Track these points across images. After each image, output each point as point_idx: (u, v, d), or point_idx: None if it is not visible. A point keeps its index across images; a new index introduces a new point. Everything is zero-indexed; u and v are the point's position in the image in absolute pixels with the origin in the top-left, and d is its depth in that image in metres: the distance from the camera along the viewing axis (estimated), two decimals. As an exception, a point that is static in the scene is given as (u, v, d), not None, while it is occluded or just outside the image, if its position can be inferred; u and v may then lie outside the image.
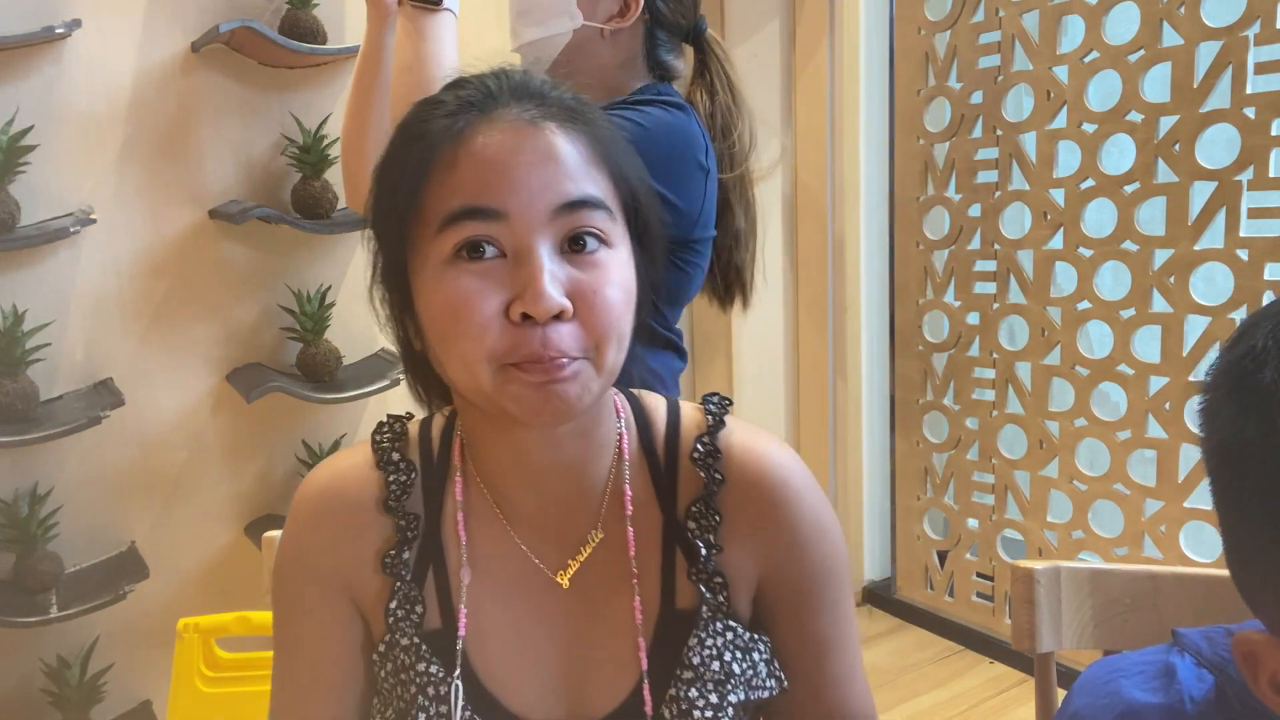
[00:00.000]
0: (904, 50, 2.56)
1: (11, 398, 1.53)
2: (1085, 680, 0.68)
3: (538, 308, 0.57)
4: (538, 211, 0.59)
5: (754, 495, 0.70)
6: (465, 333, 0.59)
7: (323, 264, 1.91)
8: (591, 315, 0.60)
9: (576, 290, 0.59)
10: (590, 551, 0.71)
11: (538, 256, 0.59)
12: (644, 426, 0.74)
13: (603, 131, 0.64)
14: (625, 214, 0.64)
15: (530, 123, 0.61)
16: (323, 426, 1.93)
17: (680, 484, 0.72)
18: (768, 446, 0.73)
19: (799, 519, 0.71)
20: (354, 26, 1.89)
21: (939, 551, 2.68)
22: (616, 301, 0.60)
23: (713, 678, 0.68)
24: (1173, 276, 2.04)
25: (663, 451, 0.73)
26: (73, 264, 1.68)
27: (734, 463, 0.71)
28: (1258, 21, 1.85)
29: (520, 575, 0.70)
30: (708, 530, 0.70)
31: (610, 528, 0.71)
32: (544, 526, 0.71)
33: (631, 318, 0.63)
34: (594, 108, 0.66)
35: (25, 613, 1.54)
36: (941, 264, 2.55)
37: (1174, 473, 2.09)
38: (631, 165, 0.66)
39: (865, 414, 2.76)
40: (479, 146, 0.60)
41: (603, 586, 0.70)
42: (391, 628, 0.70)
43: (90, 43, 1.65)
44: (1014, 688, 2.37)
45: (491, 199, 0.59)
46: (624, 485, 0.71)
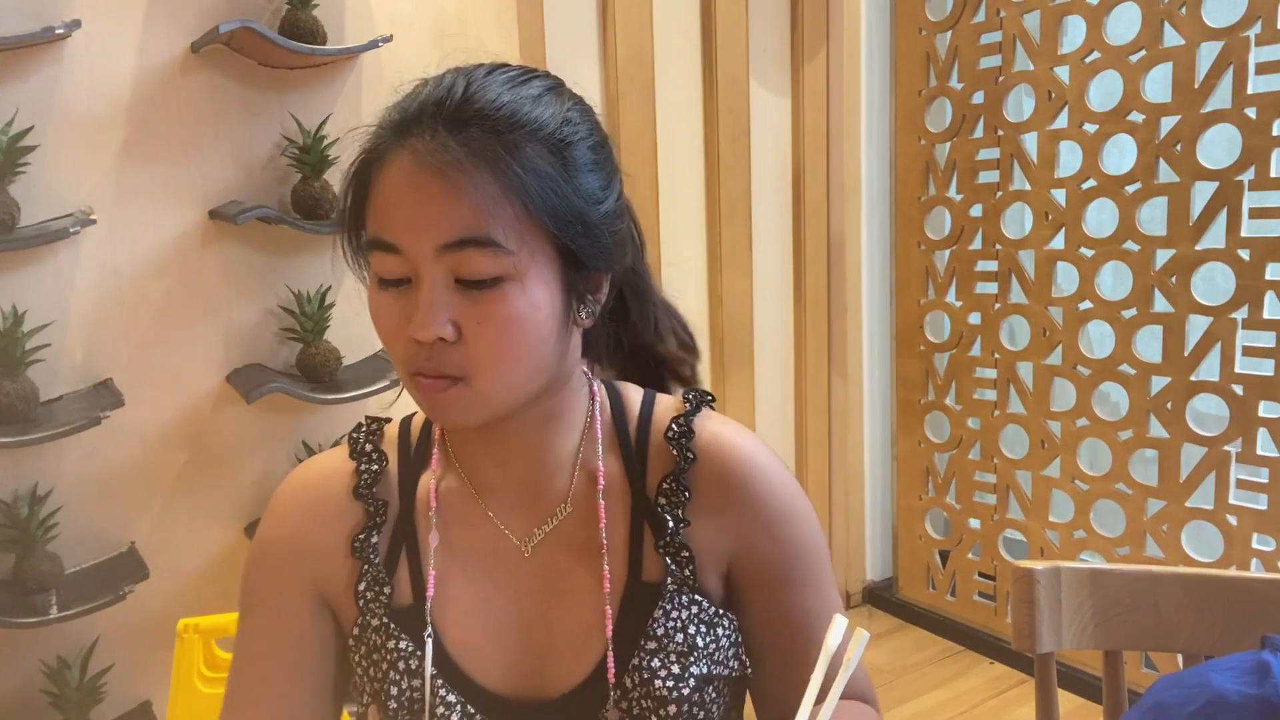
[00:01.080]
0: (905, 50, 2.56)
1: (11, 398, 1.53)
2: (1168, 678, 0.69)
3: (418, 332, 0.63)
4: (424, 248, 0.62)
5: (721, 473, 0.73)
6: (384, 342, 0.67)
7: (323, 264, 1.91)
8: (474, 342, 0.63)
9: (463, 319, 0.63)
10: (557, 524, 0.73)
11: (424, 286, 0.63)
12: (618, 410, 0.77)
13: (526, 160, 0.63)
14: (550, 240, 0.64)
15: (435, 155, 0.62)
16: (323, 427, 1.92)
17: (650, 463, 0.75)
18: (738, 433, 0.76)
19: (767, 498, 0.73)
20: (354, 27, 1.89)
21: (940, 551, 2.68)
22: (500, 333, 0.63)
23: (676, 649, 0.70)
24: (1174, 276, 2.03)
25: (634, 433, 0.76)
26: (73, 264, 1.68)
27: (705, 443, 0.74)
28: (1259, 22, 1.85)
29: (488, 546, 0.73)
30: (676, 505, 0.73)
31: (579, 503, 0.74)
32: (513, 501, 0.74)
33: (533, 341, 0.65)
34: (527, 131, 0.64)
35: (25, 613, 1.54)
36: (943, 264, 2.55)
37: (1175, 472, 2.08)
38: (563, 191, 0.64)
39: (866, 414, 2.76)
40: (387, 177, 0.64)
41: (570, 558, 0.73)
42: (362, 610, 0.73)
43: (90, 43, 1.65)
44: (1014, 688, 2.37)
45: (389, 233, 0.63)
46: (596, 461, 0.74)
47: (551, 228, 0.63)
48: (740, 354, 2.55)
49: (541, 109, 0.65)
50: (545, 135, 0.64)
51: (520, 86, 0.66)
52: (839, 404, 2.73)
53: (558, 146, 0.64)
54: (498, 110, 0.63)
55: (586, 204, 0.66)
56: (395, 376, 1.79)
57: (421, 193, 0.62)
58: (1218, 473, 2.01)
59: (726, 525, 0.73)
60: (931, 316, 2.60)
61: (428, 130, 0.63)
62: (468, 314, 0.63)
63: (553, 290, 0.65)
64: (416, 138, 0.63)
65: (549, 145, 0.64)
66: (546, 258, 0.64)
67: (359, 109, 1.91)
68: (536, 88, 0.67)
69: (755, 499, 0.73)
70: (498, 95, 0.64)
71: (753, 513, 0.73)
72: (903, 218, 2.64)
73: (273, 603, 0.74)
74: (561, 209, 0.64)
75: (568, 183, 0.64)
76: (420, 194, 0.62)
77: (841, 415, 2.74)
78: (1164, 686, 0.69)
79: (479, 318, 0.63)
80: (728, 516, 0.73)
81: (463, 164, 0.61)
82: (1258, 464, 1.95)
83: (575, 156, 0.65)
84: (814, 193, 2.61)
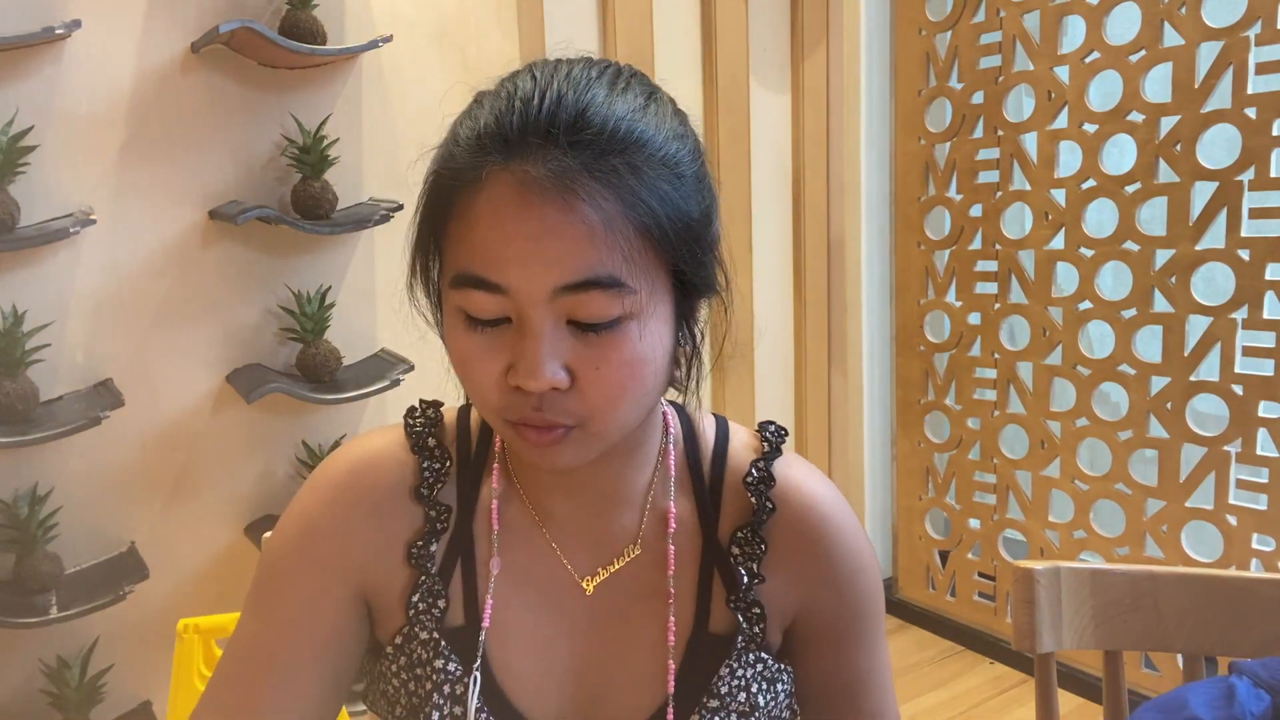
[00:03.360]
0: (905, 51, 2.56)
1: (11, 398, 1.53)
2: (1153, 701, 0.74)
3: (528, 383, 0.56)
4: (537, 290, 0.55)
5: (800, 527, 0.70)
6: (471, 388, 0.60)
7: (323, 264, 1.91)
8: (591, 388, 0.57)
9: (577, 364, 0.57)
10: (623, 564, 0.70)
11: (535, 331, 0.56)
12: (691, 444, 0.73)
13: (648, 183, 0.56)
14: (666, 269, 0.59)
15: (554, 179, 0.54)
16: (323, 427, 1.92)
17: (724, 506, 0.71)
18: (818, 482, 0.72)
19: (842, 556, 0.70)
20: (354, 27, 1.89)
21: (940, 551, 2.68)
22: (620, 377, 0.58)
23: (738, 709, 0.67)
24: (1174, 276, 2.03)
25: (708, 471, 0.72)
26: (73, 264, 1.68)
27: (784, 493, 0.70)
28: (1258, 22, 1.85)
29: (548, 578, 0.69)
30: (752, 558, 0.69)
31: (648, 543, 0.70)
32: (578, 532, 0.70)
33: (651, 382, 0.60)
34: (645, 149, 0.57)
35: (25, 613, 1.54)
36: (942, 264, 2.55)
37: (1175, 472, 2.08)
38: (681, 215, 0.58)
39: (866, 414, 2.76)
40: (488, 204, 0.55)
41: (634, 601, 0.69)
42: (411, 620, 0.68)
43: (90, 43, 1.65)
44: (1014, 688, 2.37)
45: (491, 271, 0.55)
46: (668, 502, 0.70)
47: (670, 257, 0.58)
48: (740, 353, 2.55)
49: (652, 121, 0.58)
50: (660, 152, 0.58)
51: (625, 95, 0.59)
52: (839, 404, 2.73)
53: (671, 163, 0.58)
54: (617, 127, 0.56)
55: (700, 225, 0.60)
56: (396, 376, 1.79)
57: (538, 224, 0.54)
58: (1217, 473, 2.01)
59: (799, 580, 0.70)
60: (931, 316, 2.61)
61: (538, 148, 0.55)
62: (583, 358, 0.57)
63: (668, 324, 0.60)
64: (524, 157, 0.55)
65: (665, 163, 0.58)
66: (664, 289, 0.59)
67: (359, 109, 1.91)
68: (639, 94, 0.60)
69: (831, 556, 0.70)
70: (612, 108, 0.57)
71: (827, 570, 0.70)
72: (902, 218, 2.64)
73: (304, 589, 0.67)
74: (681, 235, 0.58)
75: (684, 203, 0.58)
76: (536, 225, 0.54)
77: (841, 415, 2.74)
78: (1145, 710, 0.73)
79: (596, 362, 0.57)
80: (801, 571, 0.70)
81: (588, 190, 0.54)
82: (1257, 464, 1.95)
83: (686, 173, 0.59)
84: (814, 193, 2.61)
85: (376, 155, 1.95)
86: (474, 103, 0.61)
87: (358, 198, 1.93)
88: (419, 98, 1.96)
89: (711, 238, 0.62)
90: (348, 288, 1.94)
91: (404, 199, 1.90)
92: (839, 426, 2.74)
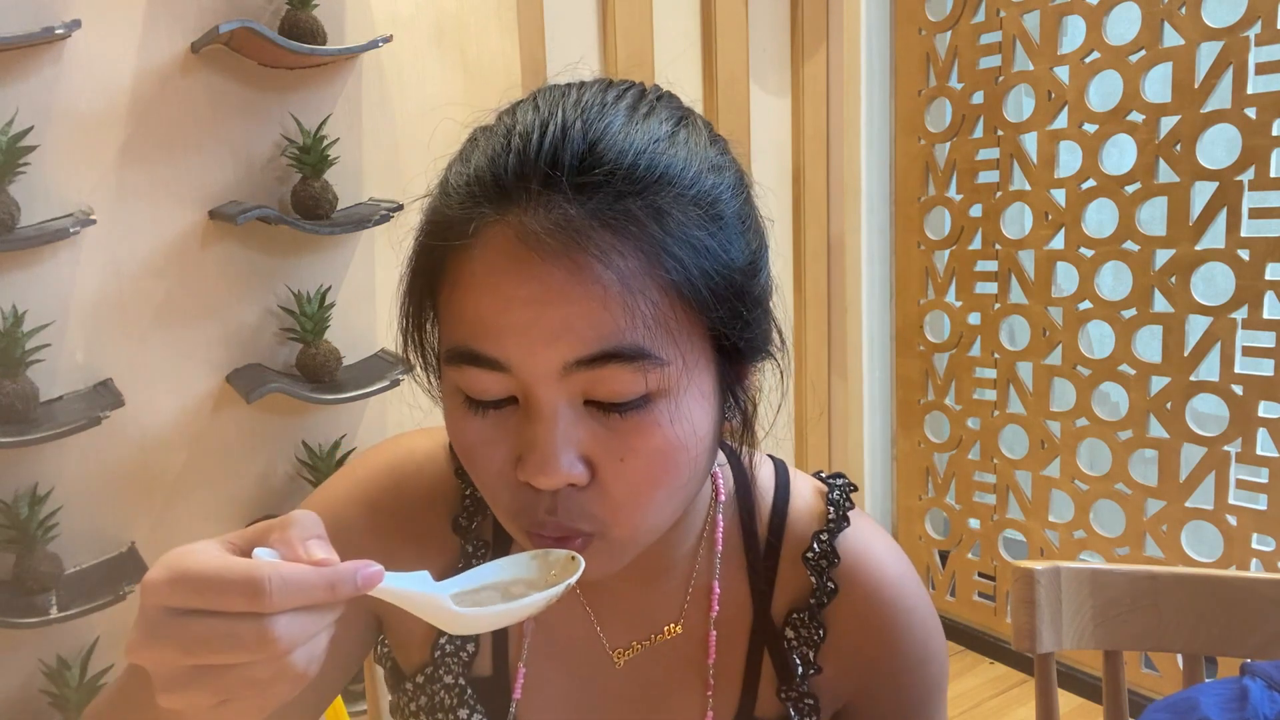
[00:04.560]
0: (905, 51, 2.56)
1: (11, 398, 1.53)
2: (1163, 701, 0.72)
3: (538, 479, 0.47)
4: (542, 366, 0.46)
5: (864, 613, 0.62)
6: (476, 479, 0.52)
7: (323, 264, 1.91)
8: (614, 484, 0.48)
9: (598, 454, 0.48)
10: (662, 641, 0.62)
11: (544, 415, 0.47)
12: (746, 504, 0.64)
13: (676, 229, 0.46)
14: (705, 334, 0.49)
15: (549, 234, 0.45)
16: (323, 427, 1.92)
17: (780, 579, 0.63)
18: (886, 557, 0.63)
19: (908, 646, 0.63)
20: (354, 27, 1.89)
21: (940, 551, 2.68)
22: (650, 470, 0.48)
23: None
24: (1174, 276, 2.03)
25: (765, 538, 0.63)
26: (73, 264, 1.68)
27: (848, 572, 0.62)
28: (1258, 22, 1.85)
29: (580, 644, 0.63)
30: (808, 645, 0.62)
31: (691, 622, 0.62)
32: (616, 604, 0.63)
33: (688, 472, 0.50)
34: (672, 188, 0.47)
35: (25, 613, 1.54)
36: (942, 264, 2.55)
37: (1175, 473, 2.08)
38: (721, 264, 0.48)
39: (866, 414, 2.76)
40: (482, 264, 0.46)
41: (672, 679, 0.63)
42: (436, 662, 0.63)
43: (90, 43, 1.65)
44: (1014, 688, 2.37)
45: (487, 344, 0.46)
46: (713, 581, 0.62)
47: (709, 317, 0.48)
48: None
49: (681, 152, 0.48)
50: (692, 190, 0.48)
51: (648, 120, 0.49)
52: (839, 404, 2.73)
53: (707, 203, 0.48)
54: (635, 162, 0.46)
55: (746, 277, 0.50)
56: (396, 376, 1.79)
57: (539, 287, 0.45)
58: (1217, 473, 2.01)
59: (858, 670, 0.63)
60: (931, 316, 2.60)
61: (539, 195, 0.46)
62: (605, 447, 0.47)
63: (710, 398, 0.50)
64: (522, 206, 0.46)
65: (698, 203, 0.48)
66: (704, 358, 0.49)
67: (359, 109, 1.91)
68: (666, 120, 0.50)
69: (897, 648, 0.62)
70: (629, 140, 0.47)
71: (891, 662, 0.62)
72: (902, 218, 2.64)
73: None
74: (721, 290, 0.48)
75: (725, 251, 0.49)
76: (538, 289, 0.45)
77: (841, 415, 2.74)
78: (1156, 710, 0.71)
79: (621, 452, 0.47)
80: (862, 661, 0.62)
81: (600, 244, 0.45)
82: (1257, 464, 1.95)
83: (726, 213, 0.50)
84: (814, 193, 2.61)
85: (376, 155, 1.95)
86: (468, 142, 0.52)
87: (358, 198, 1.93)
88: (419, 98, 1.96)
89: (760, 290, 0.52)
90: (348, 288, 1.94)
91: (404, 199, 1.90)
92: (839, 426, 2.74)
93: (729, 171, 0.52)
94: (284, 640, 0.39)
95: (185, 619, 0.39)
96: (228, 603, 0.39)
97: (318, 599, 0.40)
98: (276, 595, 0.39)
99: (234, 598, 0.39)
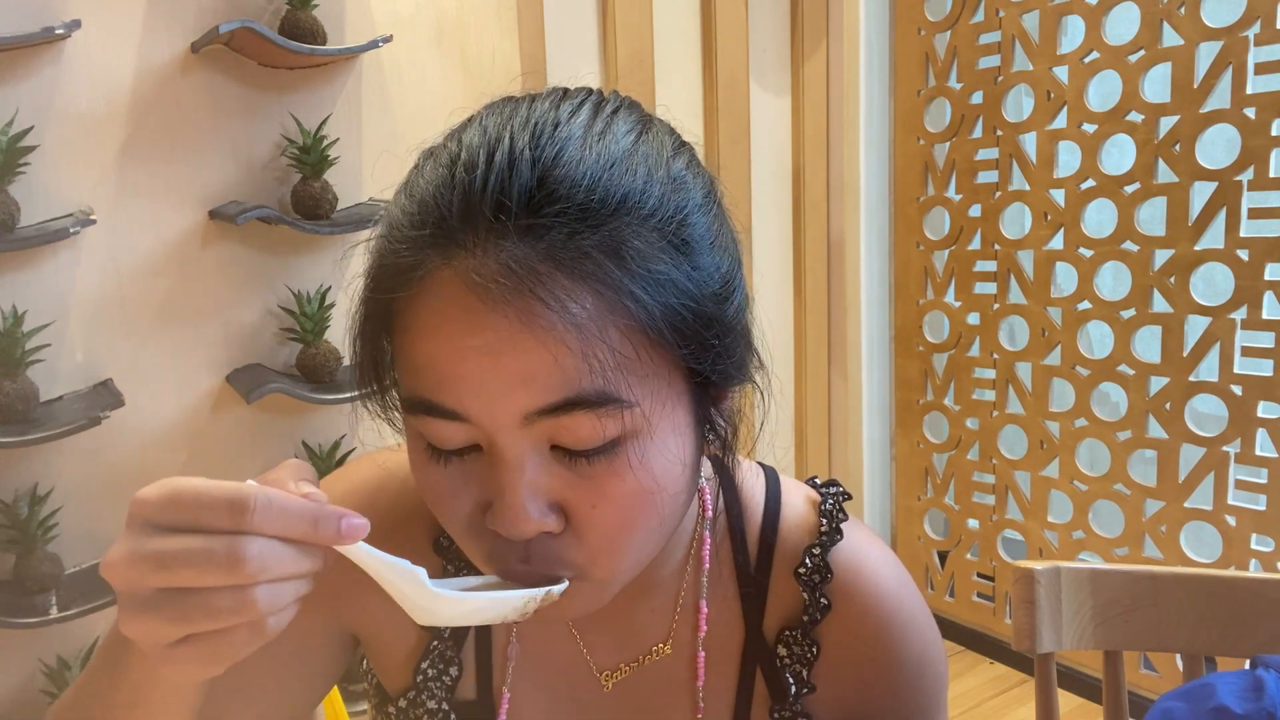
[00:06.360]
0: (904, 51, 2.56)
1: (11, 398, 1.53)
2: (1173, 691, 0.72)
3: (510, 531, 0.46)
4: (503, 418, 0.44)
5: (859, 629, 0.60)
6: (445, 525, 0.50)
7: (323, 264, 1.91)
8: (589, 531, 0.46)
9: (569, 499, 0.46)
10: (651, 663, 0.61)
11: (509, 464, 0.45)
12: (735, 520, 0.62)
13: (637, 260, 0.43)
14: (676, 366, 0.47)
15: (498, 280, 0.42)
16: (323, 427, 1.92)
17: (772, 596, 0.61)
18: (882, 569, 0.61)
19: (905, 658, 0.60)
20: (354, 27, 1.89)
21: (939, 552, 2.68)
22: (626, 514, 0.46)
23: None
24: (1173, 277, 2.03)
25: (755, 553, 0.61)
26: (73, 264, 1.68)
27: (842, 587, 0.60)
28: (1258, 22, 1.85)
29: (566, 666, 0.61)
30: (801, 663, 0.60)
31: (680, 644, 0.61)
32: (603, 627, 0.61)
33: (668, 509, 0.49)
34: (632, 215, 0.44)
35: (25, 613, 1.54)
36: (942, 264, 2.55)
37: (1174, 473, 2.08)
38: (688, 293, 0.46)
39: (865, 414, 2.76)
40: (430, 311, 0.44)
41: (661, 704, 0.61)
42: (419, 686, 0.61)
43: (90, 43, 1.65)
44: (1014, 688, 2.37)
45: (443, 395, 0.44)
46: (699, 600, 0.60)
47: (676, 354, 0.45)
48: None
49: (640, 171, 0.45)
50: (654, 216, 0.45)
51: (604, 139, 0.46)
52: (838, 404, 2.74)
53: (671, 228, 0.45)
54: (590, 193, 0.43)
55: (717, 303, 0.47)
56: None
57: (493, 336, 0.42)
58: (1216, 473, 2.01)
59: (854, 687, 0.61)
60: (930, 317, 2.61)
61: (486, 238, 0.43)
62: (576, 491, 0.46)
63: (685, 431, 0.48)
64: (469, 250, 0.43)
65: (661, 229, 0.45)
66: (674, 393, 0.47)
67: (359, 109, 1.92)
68: (624, 134, 0.47)
69: (893, 662, 0.60)
70: (583, 167, 0.44)
71: (888, 676, 0.60)
72: (902, 218, 2.64)
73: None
74: (689, 324, 0.45)
75: (692, 278, 0.46)
76: (491, 338, 0.42)
77: (841, 415, 2.74)
78: (1170, 698, 0.71)
79: (592, 499, 0.45)
80: (858, 678, 0.60)
81: (552, 288, 0.42)
82: (1257, 464, 1.95)
83: (693, 234, 0.46)
84: (814, 193, 2.61)
85: (376, 155, 1.95)
86: (413, 170, 0.49)
87: (358, 198, 1.93)
88: (419, 98, 1.96)
89: (733, 313, 0.49)
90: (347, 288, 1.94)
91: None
92: (838, 427, 2.74)
93: (696, 185, 0.49)
94: (253, 563, 0.38)
95: (165, 535, 0.39)
96: (211, 517, 0.39)
97: (298, 530, 0.40)
98: (259, 514, 0.38)
99: (218, 512, 0.39)
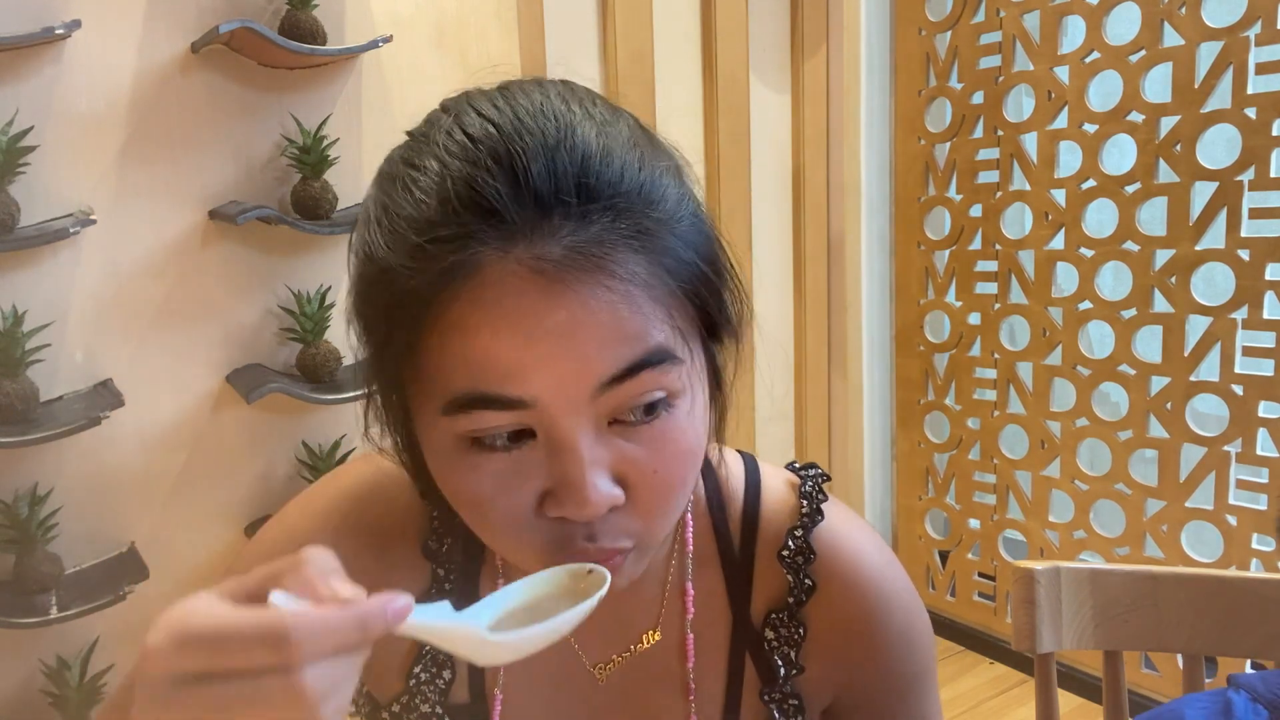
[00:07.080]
0: (905, 51, 2.56)
1: (11, 398, 1.53)
2: (1148, 714, 0.72)
3: (580, 512, 0.46)
4: (576, 394, 0.44)
5: (844, 606, 0.61)
6: (490, 528, 0.49)
7: (323, 264, 1.91)
8: (648, 497, 0.48)
9: (628, 470, 0.47)
10: (641, 651, 0.61)
11: (573, 445, 0.45)
12: (717, 506, 0.63)
13: (660, 214, 0.46)
14: (696, 322, 0.49)
15: (568, 259, 0.43)
16: (323, 427, 1.92)
17: (757, 579, 0.62)
18: (864, 547, 0.62)
19: (891, 633, 0.61)
20: (354, 27, 1.89)
21: (940, 551, 2.68)
22: (681, 473, 0.48)
23: None
24: (1174, 276, 2.03)
25: (738, 538, 0.62)
26: (73, 264, 1.68)
27: (826, 566, 0.61)
28: (1258, 22, 1.85)
29: (558, 662, 0.61)
30: (789, 645, 0.61)
31: (669, 630, 0.61)
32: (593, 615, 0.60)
33: (700, 463, 0.51)
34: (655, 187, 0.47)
35: (25, 613, 1.54)
36: (942, 264, 2.55)
37: (1175, 473, 2.08)
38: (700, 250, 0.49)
39: (866, 414, 2.76)
40: (487, 302, 0.44)
41: (654, 692, 0.62)
42: (412, 690, 0.61)
43: (90, 43, 1.65)
44: (1015, 688, 2.37)
45: (510, 385, 0.44)
46: (685, 582, 0.61)
47: (699, 305, 0.49)
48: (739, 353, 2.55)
49: (640, 143, 0.49)
50: (661, 178, 0.48)
51: (615, 125, 0.49)
52: (839, 404, 2.73)
53: (673, 193, 0.49)
54: (622, 169, 0.46)
55: (715, 255, 0.51)
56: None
57: (567, 315, 0.43)
58: (1217, 473, 2.01)
59: (842, 664, 0.62)
60: (931, 316, 2.60)
61: (547, 219, 0.43)
62: (634, 461, 0.47)
63: (707, 390, 0.51)
64: (530, 235, 0.43)
65: (668, 196, 0.48)
66: (701, 348, 0.50)
67: (359, 109, 1.91)
68: (611, 116, 0.50)
69: (879, 637, 0.61)
70: (604, 144, 0.47)
71: (875, 652, 0.61)
72: (902, 218, 2.64)
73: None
74: (702, 274, 0.49)
75: (700, 236, 0.49)
76: (565, 317, 0.43)
77: (841, 415, 2.74)
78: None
79: (654, 464, 0.47)
80: (845, 655, 0.61)
81: (613, 256, 0.44)
82: (1257, 464, 1.95)
83: (686, 196, 0.50)
84: (814, 193, 2.61)
85: (376, 155, 1.93)
86: (406, 170, 0.48)
87: (357, 198, 1.93)
88: (419, 98, 1.95)
89: (728, 262, 0.52)
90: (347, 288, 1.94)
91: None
92: (839, 426, 2.74)
93: (674, 155, 0.52)
94: (317, 692, 0.35)
95: (201, 685, 0.35)
96: (251, 659, 0.35)
97: (349, 642, 0.37)
98: (306, 644, 0.35)
99: (257, 652, 0.35)
